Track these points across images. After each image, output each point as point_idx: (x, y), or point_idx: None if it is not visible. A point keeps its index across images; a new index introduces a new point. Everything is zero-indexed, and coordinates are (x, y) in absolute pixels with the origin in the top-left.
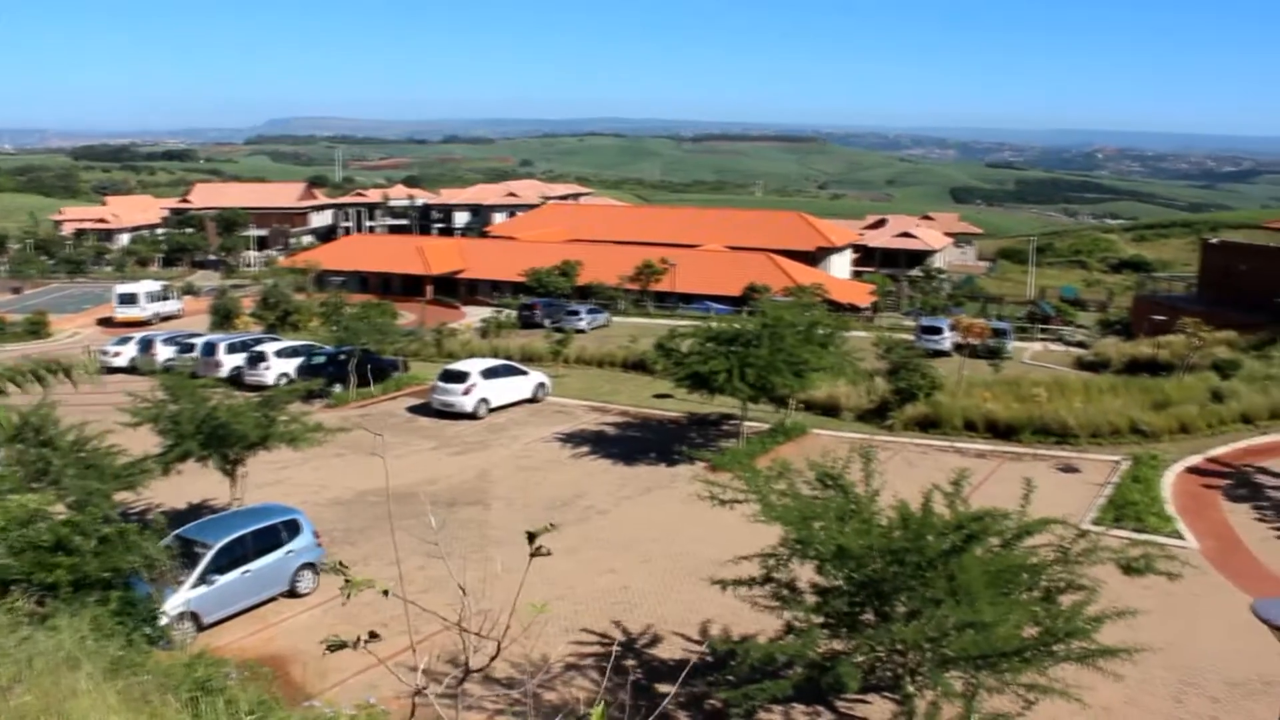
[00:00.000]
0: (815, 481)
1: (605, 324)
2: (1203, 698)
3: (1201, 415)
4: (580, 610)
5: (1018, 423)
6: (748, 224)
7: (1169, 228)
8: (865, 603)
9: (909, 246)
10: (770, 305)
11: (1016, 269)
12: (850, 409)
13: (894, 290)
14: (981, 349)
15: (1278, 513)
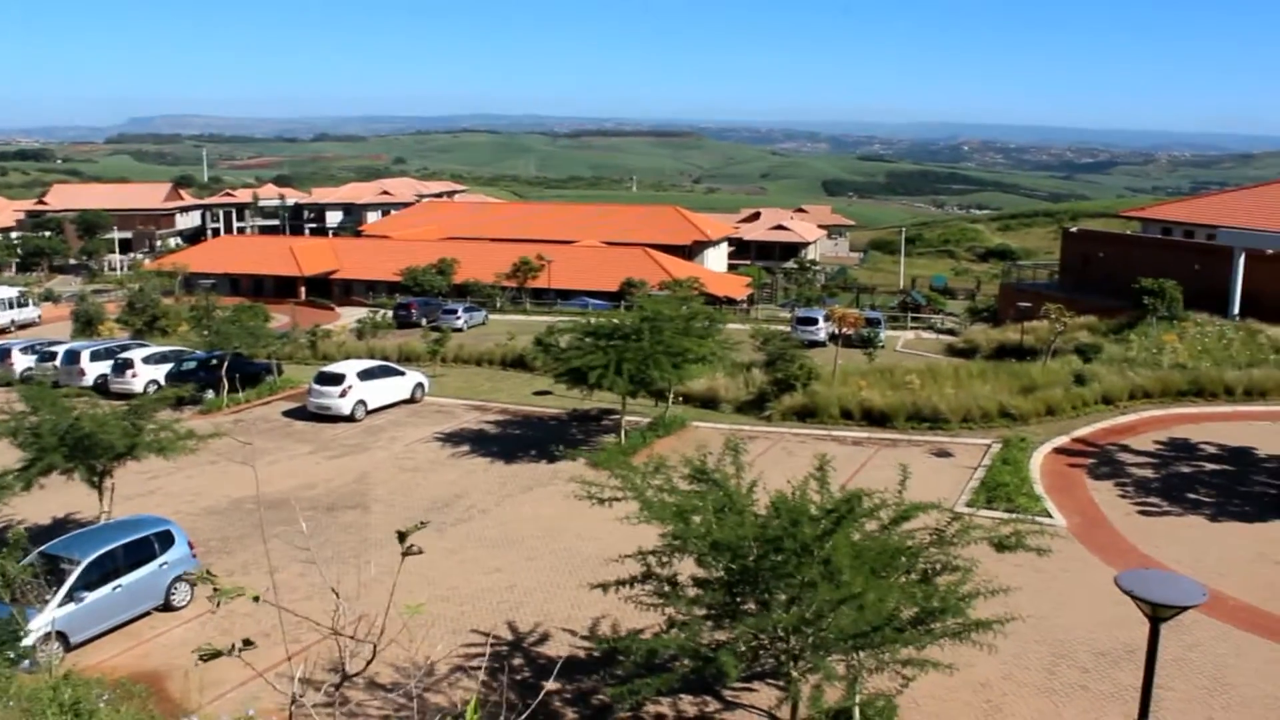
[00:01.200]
0: (691, 476)
1: (483, 322)
2: (1073, 668)
3: (1066, 398)
4: (466, 611)
5: (892, 410)
6: (624, 219)
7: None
8: (745, 592)
9: (783, 239)
10: (647, 299)
11: (888, 259)
12: (729, 400)
13: (769, 282)
14: (856, 338)
15: (1139, 489)
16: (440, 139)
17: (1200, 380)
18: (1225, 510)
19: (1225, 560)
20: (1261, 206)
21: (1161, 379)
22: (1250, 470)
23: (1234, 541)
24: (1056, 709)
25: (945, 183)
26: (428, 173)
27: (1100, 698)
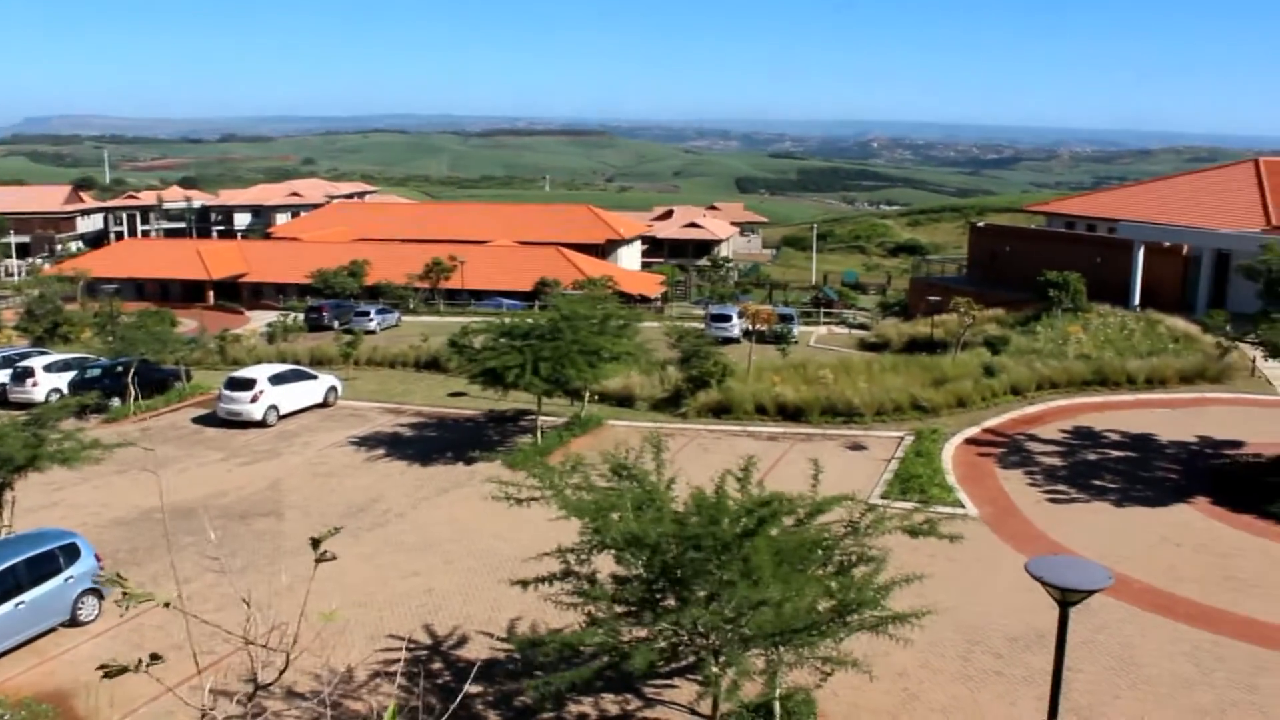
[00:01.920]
0: (610, 473)
1: (396, 324)
2: (987, 654)
3: (976, 389)
4: (384, 616)
5: (807, 405)
6: (537, 218)
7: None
8: (665, 589)
9: (696, 236)
10: (562, 299)
11: (800, 255)
12: (644, 398)
13: (683, 280)
14: (769, 334)
15: (1047, 477)
16: (350, 139)
17: (1104, 370)
18: (1129, 496)
19: (1130, 544)
20: (1159, 201)
21: (1067, 369)
22: (1152, 456)
23: (1138, 526)
24: (972, 695)
25: (855, 179)
26: (338, 174)
27: (1014, 682)
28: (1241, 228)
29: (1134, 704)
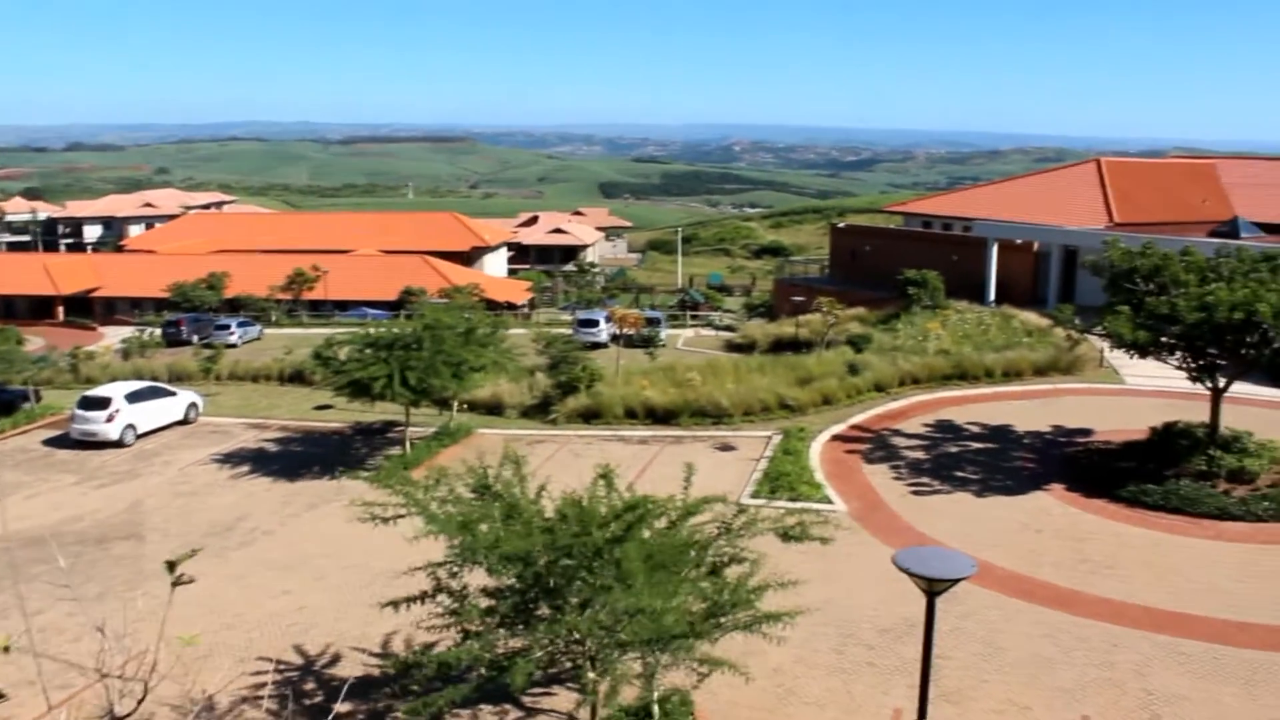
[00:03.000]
0: (473, 491)
1: (258, 337)
2: (860, 646)
3: (841, 387)
4: (254, 638)
5: (676, 407)
6: (401, 227)
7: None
8: (538, 599)
9: (562, 242)
10: (428, 307)
11: (666, 259)
12: (514, 406)
13: (550, 286)
14: (637, 338)
15: (912, 471)
16: (206, 147)
17: (962, 364)
18: (990, 486)
19: (992, 532)
20: (1010, 200)
21: (928, 365)
22: (1011, 447)
23: (999, 514)
24: (846, 687)
25: (718, 183)
26: (194, 183)
27: (886, 672)
28: (1086, 225)
29: (1001, 687)
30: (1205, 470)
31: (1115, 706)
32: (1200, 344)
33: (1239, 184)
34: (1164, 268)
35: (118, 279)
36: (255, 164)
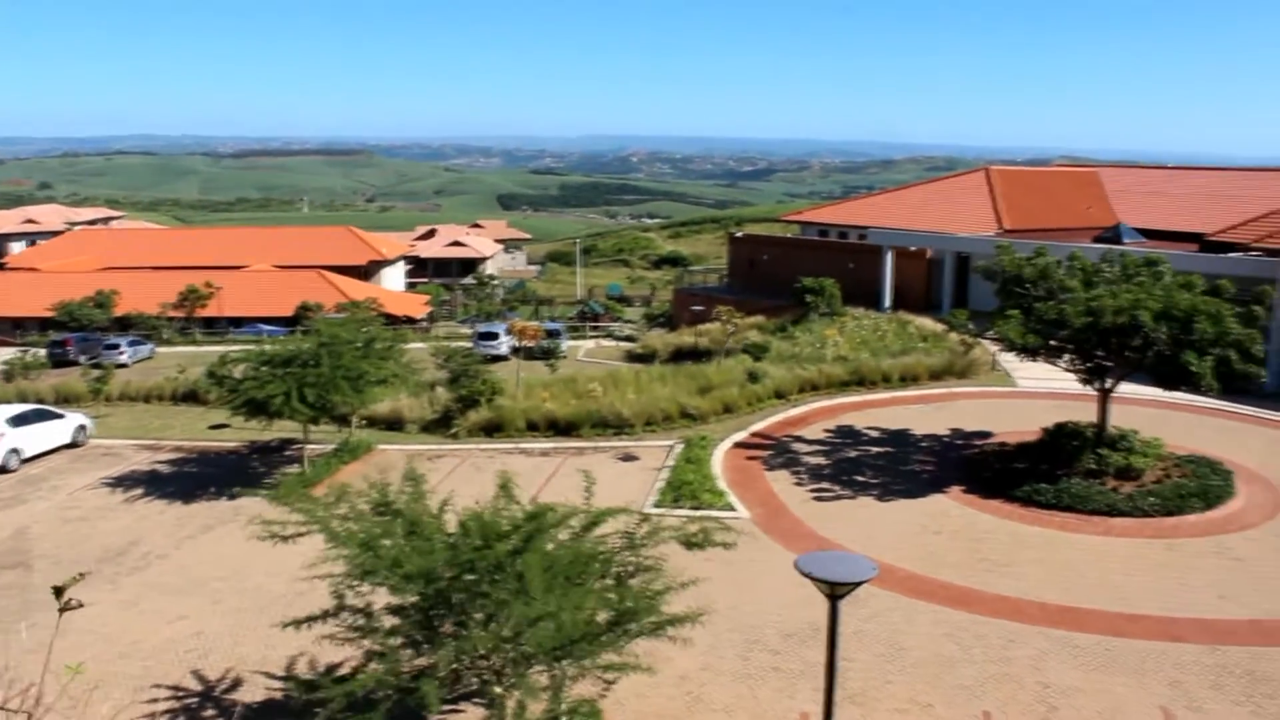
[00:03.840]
0: (372, 510)
1: (150, 356)
2: (765, 651)
3: (741, 395)
4: (150, 666)
5: (577, 419)
6: (296, 241)
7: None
8: (442, 615)
9: (461, 255)
10: (325, 323)
11: (565, 270)
12: (414, 421)
13: (449, 299)
14: (537, 350)
15: (813, 476)
16: (92, 161)
17: (860, 370)
18: (890, 489)
19: (893, 535)
20: (904, 208)
21: (826, 371)
22: (909, 450)
23: (899, 517)
24: (752, 692)
25: (617, 193)
26: (79, 198)
27: (792, 676)
28: (977, 231)
29: (904, 687)
30: (1095, 469)
31: (1013, 701)
32: (1088, 347)
33: (1120, 191)
34: (1051, 273)
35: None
36: (143, 178)
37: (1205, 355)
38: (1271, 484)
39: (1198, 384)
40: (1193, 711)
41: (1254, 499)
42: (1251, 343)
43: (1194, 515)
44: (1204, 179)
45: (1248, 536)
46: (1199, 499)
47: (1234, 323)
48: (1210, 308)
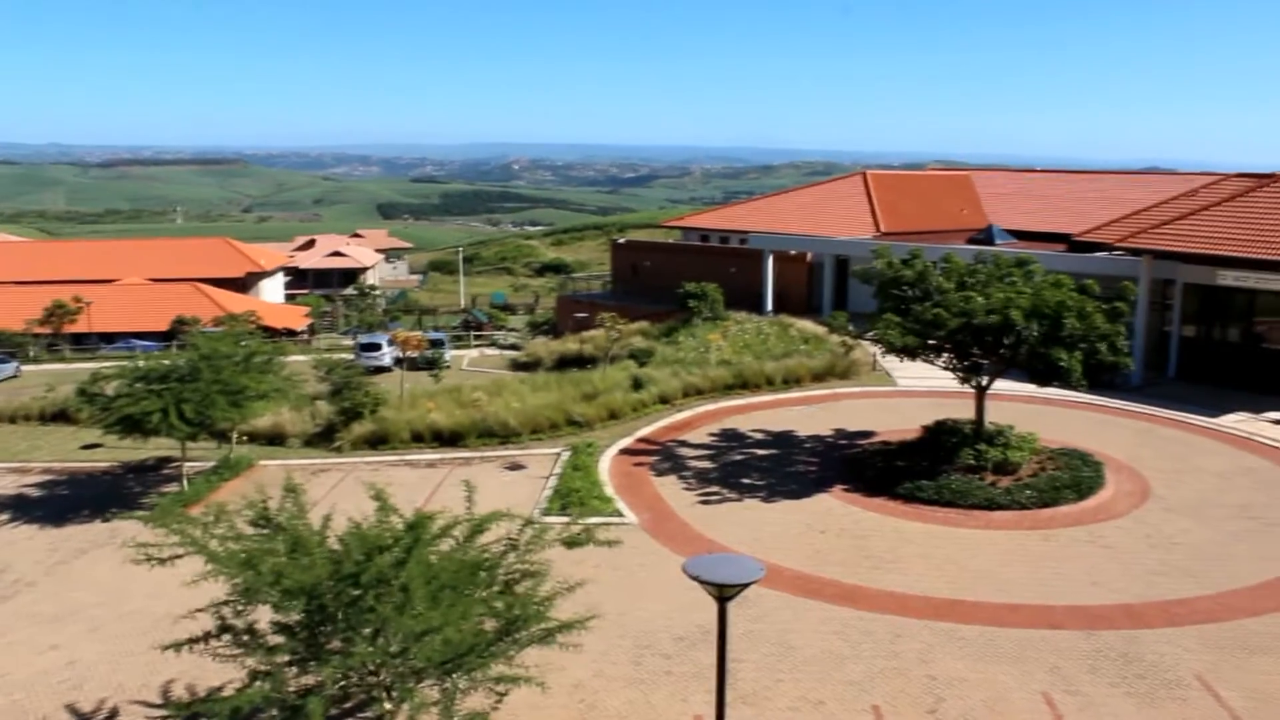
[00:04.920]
0: (252, 525)
1: (15, 375)
2: (657, 655)
3: (626, 401)
4: (19, 700)
5: (463, 429)
6: (170, 253)
7: (583, 231)
8: (328, 631)
9: (341, 265)
10: (201, 337)
11: (448, 279)
12: (296, 435)
13: (330, 310)
14: (421, 361)
15: (700, 480)
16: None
17: (744, 374)
18: (776, 490)
19: (780, 535)
20: (784, 212)
21: (710, 376)
22: (793, 451)
23: (785, 518)
24: (646, 697)
25: (499, 201)
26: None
27: (684, 679)
28: (856, 235)
29: (795, 685)
30: (973, 464)
31: (902, 694)
32: (964, 346)
33: (992, 194)
34: (928, 275)
35: None
36: (5, 189)
37: (1074, 351)
38: (1138, 473)
39: (1068, 379)
40: (1071, 695)
41: (1122, 488)
42: (1117, 337)
43: (1068, 506)
44: (1071, 182)
45: (1118, 525)
46: (1072, 490)
47: (1100, 319)
48: (1078, 305)
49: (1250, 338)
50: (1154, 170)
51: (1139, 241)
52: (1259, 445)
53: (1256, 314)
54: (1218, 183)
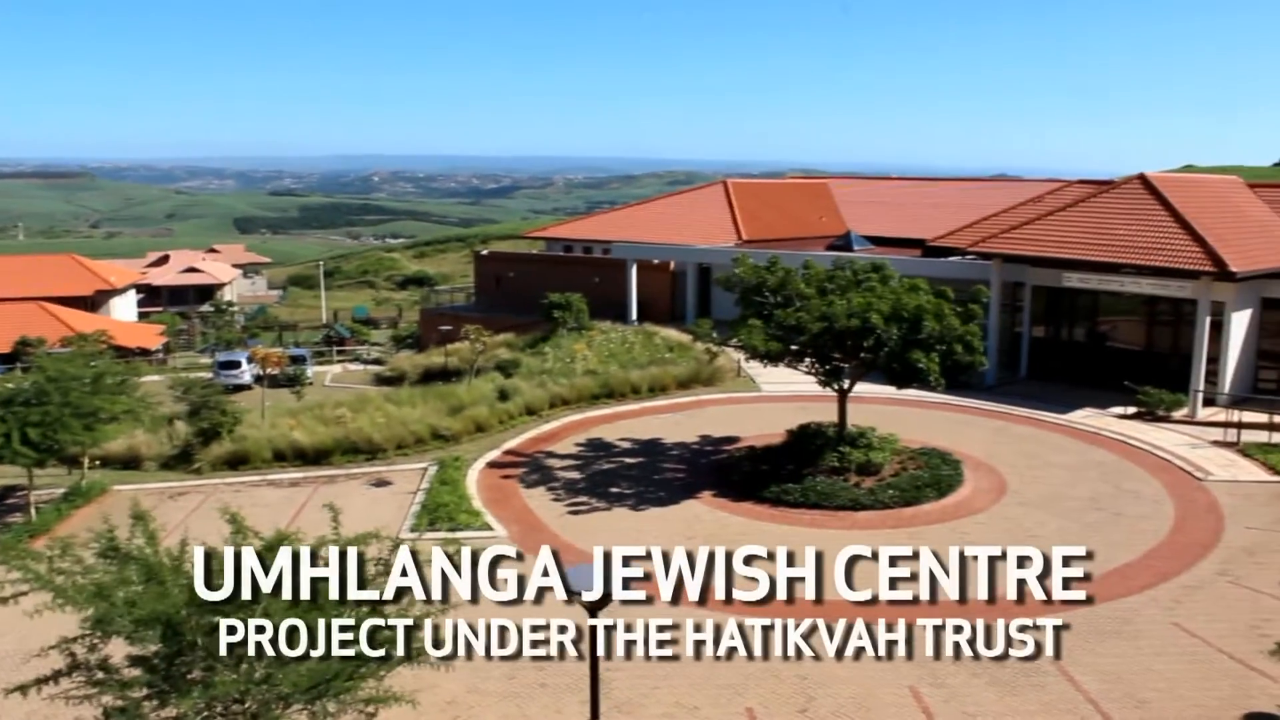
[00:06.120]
0: (104, 553)
1: None
2: (531, 669)
3: (493, 413)
4: None
5: (327, 446)
6: (11, 271)
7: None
8: (188, 661)
9: (197, 281)
10: (48, 359)
11: (308, 294)
12: (152, 458)
13: (186, 328)
14: (282, 378)
15: (568, 490)
16: None
17: (610, 383)
18: (644, 498)
19: (649, 542)
20: (646, 221)
21: (576, 386)
22: (661, 459)
23: (655, 525)
24: (521, 710)
25: (359, 214)
26: None
27: (559, 691)
28: (718, 243)
29: (670, 692)
30: (837, 466)
31: (775, 695)
32: (825, 350)
33: (849, 201)
34: (789, 281)
35: None
36: None
37: (932, 352)
38: (995, 470)
39: (926, 380)
40: (937, 688)
41: (981, 485)
42: (973, 338)
43: (930, 504)
44: (924, 189)
45: (977, 520)
46: (933, 489)
47: (956, 321)
48: (934, 307)
49: (1095, 337)
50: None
51: (990, 246)
52: (1106, 439)
53: (1100, 314)
54: (1061, 189)
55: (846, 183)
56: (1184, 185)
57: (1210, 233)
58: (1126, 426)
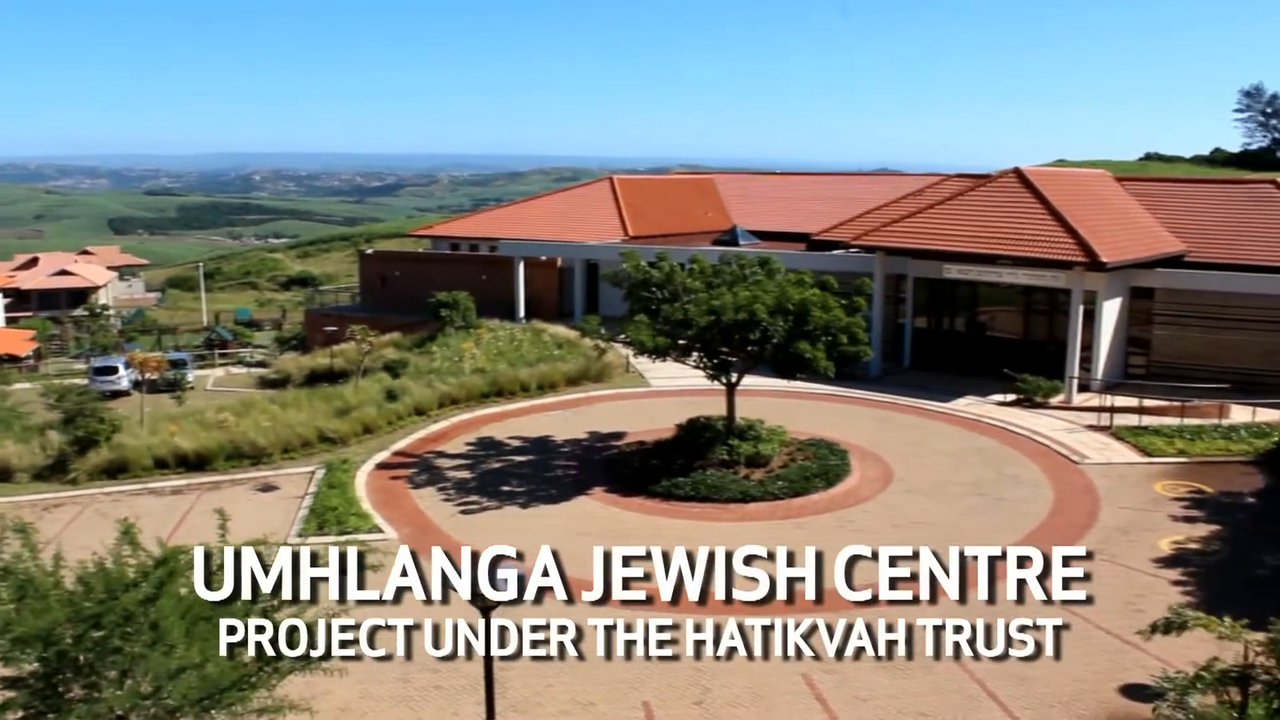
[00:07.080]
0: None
1: None
2: (424, 671)
3: (381, 414)
4: None
5: (209, 452)
6: None
7: (329, 242)
8: (68, 679)
9: (69, 285)
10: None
11: (188, 296)
12: (24, 469)
13: (58, 333)
14: (162, 382)
15: (459, 490)
16: None
17: (499, 381)
18: (535, 496)
19: (541, 540)
20: (533, 218)
21: (465, 385)
22: (551, 457)
23: (546, 522)
24: (415, 714)
25: (239, 214)
26: None
27: (453, 693)
28: (605, 239)
29: (565, 689)
30: (727, 459)
31: (670, 688)
32: (712, 344)
33: (734, 196)
34: (676, 276)
35: None
36: None
37: (818, 343)
38: (881, 459)
39: (814, 370)
40: (829, 674)
41: (867, 474)
42: (857, 328)
43: (818, 494)
44: (808, 184)
45: (864, 509)
46: (821, 479)
47: (840, 312)
48: (819, 300)
49: (974, 327)
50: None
51: (872, 239)
52: (987, 426)
53: (979, 304)
54: (940, 183)
55: (732, 178)
56: (1057, 179)
57: (1082, 225)
58: (1006, 413)
